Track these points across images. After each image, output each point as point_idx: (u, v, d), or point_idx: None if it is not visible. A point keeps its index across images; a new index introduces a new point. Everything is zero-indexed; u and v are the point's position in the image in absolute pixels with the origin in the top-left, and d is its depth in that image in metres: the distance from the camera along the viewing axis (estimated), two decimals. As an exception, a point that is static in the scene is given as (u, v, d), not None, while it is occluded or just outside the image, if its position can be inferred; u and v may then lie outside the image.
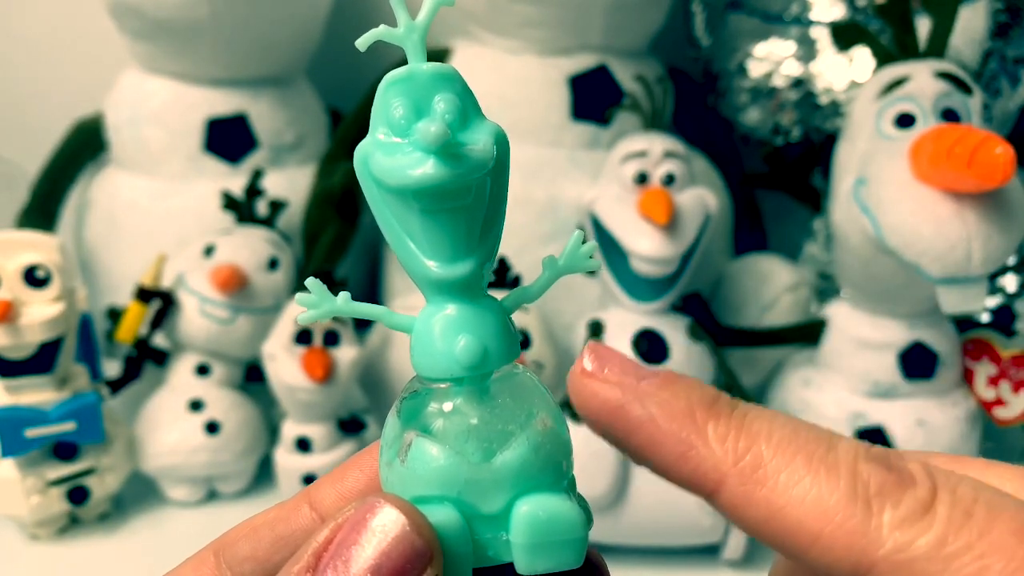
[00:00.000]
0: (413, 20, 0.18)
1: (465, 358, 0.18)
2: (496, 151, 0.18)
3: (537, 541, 0.18)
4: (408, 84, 0.18)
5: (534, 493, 0.18)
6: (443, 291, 0.19)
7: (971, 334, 0.56)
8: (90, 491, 0.51)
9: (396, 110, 0.18)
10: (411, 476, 0.18)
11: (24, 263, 0.47)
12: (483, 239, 0.19)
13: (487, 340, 0.18)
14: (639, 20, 0.62)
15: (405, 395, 0.20)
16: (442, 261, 0.18)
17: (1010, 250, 0.46)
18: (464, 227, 0.18)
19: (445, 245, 0.18)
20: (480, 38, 0.63)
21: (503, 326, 0.19)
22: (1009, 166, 0.41)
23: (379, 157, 0.18)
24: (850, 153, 0.52)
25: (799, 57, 0.65)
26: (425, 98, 0.18)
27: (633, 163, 0.53)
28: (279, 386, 0.51)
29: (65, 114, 0.69)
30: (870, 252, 0.50)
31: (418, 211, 0.18)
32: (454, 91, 0.18)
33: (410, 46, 0.18)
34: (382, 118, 0.18)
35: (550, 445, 0.19)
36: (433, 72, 0.18)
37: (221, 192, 0.59)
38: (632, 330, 0.53)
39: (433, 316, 0.19)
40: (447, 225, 0.18)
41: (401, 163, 0.17)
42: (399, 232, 0.18)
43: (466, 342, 0.18)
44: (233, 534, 0.21)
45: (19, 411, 0.48)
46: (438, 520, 0.18)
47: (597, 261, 0.21)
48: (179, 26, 0.60)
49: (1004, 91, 0.62)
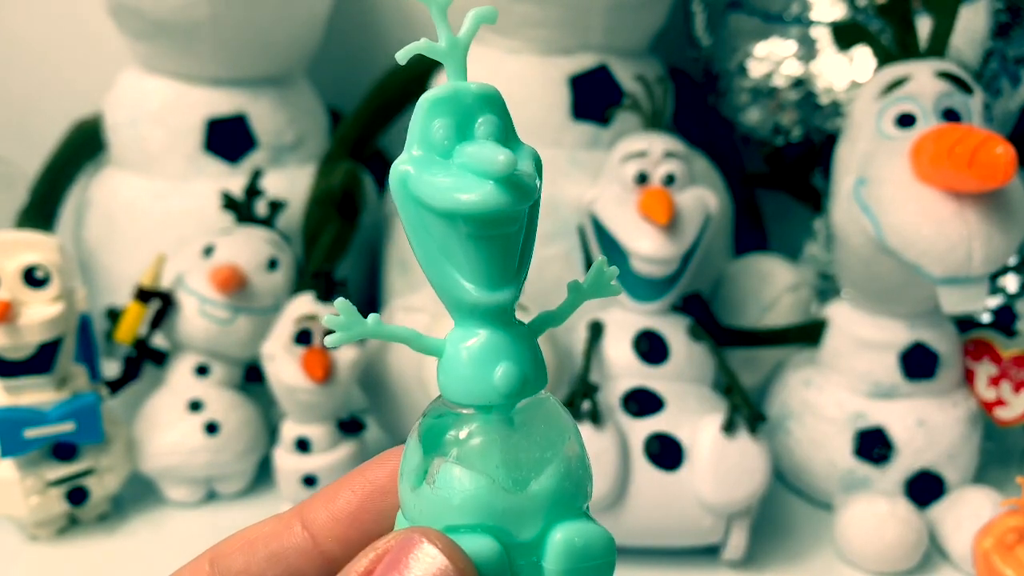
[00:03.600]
0: (455, 36, 0.18)
1: (504, 386, 0.18)
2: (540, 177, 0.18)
3: (573, 567, 0.18)
4: (452, 104, 0.18)
5: (566, 519, 0.18)
6: (477, 316, 0.18)
7: (972, 334, 0.56)
8: (89, 491, 0.51)
9: (438, 130, 0.17)
10: (442, 504, 0.18)
11: (23, 263, 0.47)
12: (521, 266, 0.18)
13: (526, 368, 0.18)
14: (639, 20, 0.62)
15: (427, 418, 0.19)
16: (483, 287, 0.18)
17: (1011, 250, 0.46)
18: (509, 254, 0.18)
19: (488, 271, 0.18)
20: (480, 38, 0.63)
21: (537, 353, 0.19)
22: (1010, 166, 0.41)
23: (425, 177, 0.17)
24: (851, 153, 0.52)
25: (800, 57, 0.65)
26: (468, 119, 0.18)
27: (633, 163, 0.53)
28: (278, 386, 0.51)
29: (64, 114, 0.69)
30: (871, 252, 0.50)
31: (464, 235, 0.17)
32: (496, 113, 0.18)
33: (453, 63, 0.18)
34: (421, 137, 0.18)
35: (580, 470, 0.19)
36: (478, 92, 0.18)
37: (221, 192, 0.59)
38: (632, 330, 0.53)
39: (466, 341, 0.18)
40: (493, 251, 0.17)
41: (452, 186, 0.17)
42: (436, 254, 0.18)
43: (505, 370, 0.18)
44: (228, 545, 0.21)
45: (18, 411, 0.48)
46: (476, 550, 0.17)
47: (619, 287, 0.20)
48: (179, 26, 0.60)
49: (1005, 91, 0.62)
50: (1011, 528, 0.39)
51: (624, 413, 0.49)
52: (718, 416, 0.47)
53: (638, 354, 0.53)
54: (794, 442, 0.55)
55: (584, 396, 0.48)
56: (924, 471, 0.52)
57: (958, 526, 0.49)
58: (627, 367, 0.52)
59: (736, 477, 0.46)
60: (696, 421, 0.48)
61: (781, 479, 0.58)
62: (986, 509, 0.49)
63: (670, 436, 0.48)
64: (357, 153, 0.66)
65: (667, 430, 0.48)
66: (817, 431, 0.54)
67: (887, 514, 0.49)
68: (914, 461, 0.52)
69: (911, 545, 0.48)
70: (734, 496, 0.46)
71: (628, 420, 0.49)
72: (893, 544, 0.48)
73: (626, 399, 0.50)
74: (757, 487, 0.47)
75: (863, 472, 0.52)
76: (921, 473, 0.52)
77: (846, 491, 0.53)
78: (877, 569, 0.49)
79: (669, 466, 0.47)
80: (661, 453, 0.47)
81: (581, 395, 0.48)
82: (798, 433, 0.55)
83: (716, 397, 0.52)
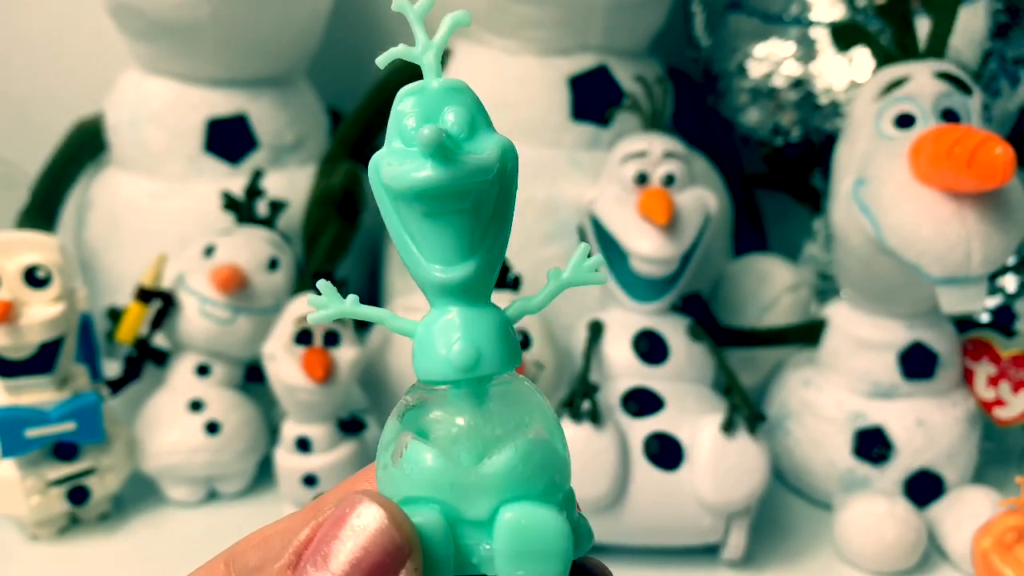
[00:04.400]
0: (430, 39, 0.19)
1: (459, 360, 0.18)
2: (501, 161, 0.18)
3: (517, 549, 0.18)
4: (420, 96, 0.19)
5: (520, 501, 0.18)
6: (445, 295, 0.19)
7: (971, 334, 0.56)
8: (90, 491, 0.51)
9: (408, 120, 0.19)
10: (402, 478, 0.18)
11: (24, 263, 0.47)
12: (485, 244, 0.19)
13: (481, 344, 0.19)
14: (639, 20, 0.63)
15: (406, 399, 0.20)
16: (443, 264, 0.19)
17: (1009, 250, 0.46)
18: (464, 231, 0.18)
19: (445, 248, 0.18)
20: (480, 38, 0.63)
21: (502, 332, 0.19)
22: (1009, 166, 0.41)
23: (385, 165, 0.19)
24: (850, 153, 0.52)
25: (799, 57, 0.65)
26: (436, 110, 0.19)
27: (633, 163, 0.53)
28: (279, 386, 0.51)
29: (65, 114, 0.69)
30: (870, 252, 0.50)
31: (421, 214, 0.18)
32: (464, 103, 0.19)
33: (426, 64, 0.19)
34: (395, 128, 0.19)
35: (541, 456, 0.19)
36: (444, 86, 0.19)
37: (221, 192, 0.59)
38: (632, 330, 0.53)
39: (434, 320, 0.19)
40: (448, 228, 0.18)
41: (405, 168, 0.18)
42: (405, 237, 0.19)
43: (460, 345, 0.18)
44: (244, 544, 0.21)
45: (19, 411, 0.48)
46: (419, 520, 0.18)
47: (603, 275, 0.21)
48: (179, 26, 0.60)
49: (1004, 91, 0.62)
50: (1010, 527, 0.39)
51: (624, 413, 0.49)
52: (718, 416, 0.47)
53: (638, 354, 0.53)
54: (793, 442, 0.56)
55: (584, 396, 0.48)
56: (923, 471, 0.52)
57: (957, 526, 0.49)
58: (627, 367, 0.52)
59: (735, 477, 0.46)
60: (696, 421, 0.48)
61: (780, 479, 0.58)
62: (985, 509, 0.49)
63: (670, 436, 0.48)
64: (357, 153, 0.66)
65: (667, 430, 0.48)
66: (816, 431, 0.54)
67: (886, 514, 0.49)
68: (913, 461, 0.52)
69: (910, 545, 0.49)
70: (733, 496, 0.47)
71: (628, 420, 0.49)
72: (892, 544, 0.48)
73: (626, 399, 0.50)
74: (756, 487, 0.47)
75: (862, 472, 0.52)
76: (920, 473, 0.52)
77: (845, 491, 0.53)
78: (876, 569, 0.49)
79: (669, 466, 0.47)
80: (661, 453, 0.47)
81: (581, 395, 0.48)
82: (797, 433, 0.55)
83: (716, 397, 0.52)
